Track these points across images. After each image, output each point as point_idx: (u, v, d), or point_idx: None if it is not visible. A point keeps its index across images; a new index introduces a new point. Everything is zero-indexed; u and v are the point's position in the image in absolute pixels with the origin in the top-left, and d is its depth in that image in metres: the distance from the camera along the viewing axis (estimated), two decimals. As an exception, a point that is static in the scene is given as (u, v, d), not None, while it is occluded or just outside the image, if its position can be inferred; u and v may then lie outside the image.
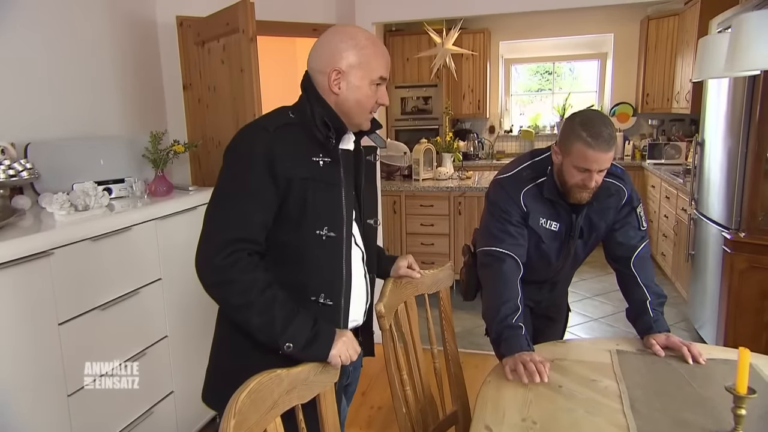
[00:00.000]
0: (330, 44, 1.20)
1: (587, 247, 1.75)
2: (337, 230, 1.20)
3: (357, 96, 1.20)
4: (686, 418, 1.19)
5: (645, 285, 1.63)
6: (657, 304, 1.62)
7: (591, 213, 1.65)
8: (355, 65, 1.18)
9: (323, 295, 1.21)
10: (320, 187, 1.18)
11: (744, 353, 1.07)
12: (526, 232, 1.63)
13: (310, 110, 1.20)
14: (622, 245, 1.67)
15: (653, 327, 1.56)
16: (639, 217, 1.68)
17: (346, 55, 1.18)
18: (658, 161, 5.08)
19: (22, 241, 1.56)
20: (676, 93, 4.96)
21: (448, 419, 1.60)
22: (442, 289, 1.63)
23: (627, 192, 1.66)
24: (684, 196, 3.83)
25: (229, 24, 2.50)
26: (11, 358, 1.51)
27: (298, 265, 1.20)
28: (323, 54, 1.20)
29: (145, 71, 2.82)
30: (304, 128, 1.19)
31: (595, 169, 1.47)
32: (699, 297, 3.32)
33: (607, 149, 1.45)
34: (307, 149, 1.18)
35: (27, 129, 2.09)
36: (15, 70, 2.07)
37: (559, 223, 1.65)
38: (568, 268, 1.81)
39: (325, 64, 1.19)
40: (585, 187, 1.52)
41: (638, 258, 1.66)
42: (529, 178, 1.64)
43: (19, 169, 1.87)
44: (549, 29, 5.76)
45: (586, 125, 1.45)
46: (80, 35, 2.38)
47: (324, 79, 1.20)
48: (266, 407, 0.95)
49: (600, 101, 6.03)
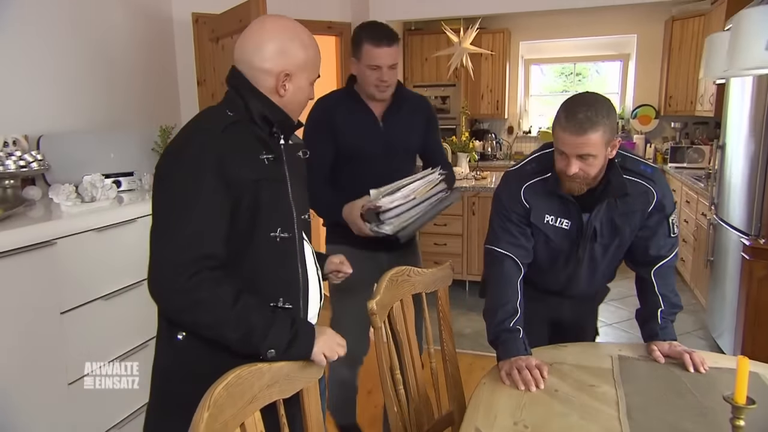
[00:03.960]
0: (275, 42, 1.12)
1: (609, 254, 1.59)
2: (289, 230, 1.15)
3: (300, 97, 1.17)
4: (684, 428, 1.15)
5: (661, 294, 1.54)
6: (669, 313, 1.54)
7: (614, 215, 1.51)
8: (303, 66, 1.14)
9: (281, 299, 1.15)
10: (270, 186, 1.12)
11: (743, 362, 1.02)
12: (529, 230, 1.55)
13: (245, 107, 1.12)
14: (650, 254, 1.55)
15: (658, 334, 1.50)
16: (671, 225, 1.55)
17: (294, 56, 1.13)
18: (680, 165, 4.95)
19: (28, 229, 1.60)
20: (700, 95, 4.82)
21: (444, 420, 1.57)
22: (441, 289, 1.60)
23: (657, 195, 1.50)
24: (704, 201, 3.72)
25: (242, 20, 2.52)
26: (13, 345, 1.54)
27: (254, 272, 1.12)
28: (268, 52, 1.12)
29: (160, 66, 2.86)
30: (245, 126, 1.11)
31: (572, 154, 1.34)
32: (718, 305, 3.22)
33: (578, 132, 1.31)
34: (251, 148, 1.11)
35: (41, 122, 2.14)
36: (30, 65, 2.12)
37: (570, 222, 1.53)
38: (585, 276, 1.64)
39: (272, 64, 1.12)
40: (566, 175, 1.39)
41: (662, 267, 1.56)
42: (533, 173, 1.53)
43: (29, 161, 1.91)
44: (570, 30, 5.67)
45: (566, 106, 1.35)
46: (96, 31, 2.42)
47: (269, 79, 1.13)
48: (245, 401, 0.93)
49: (622, 103, 5.91)
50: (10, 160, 1.86)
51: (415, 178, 1.68)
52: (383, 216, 1.57)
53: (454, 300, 4.17)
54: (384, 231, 1.58)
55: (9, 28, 2.05)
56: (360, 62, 1.74)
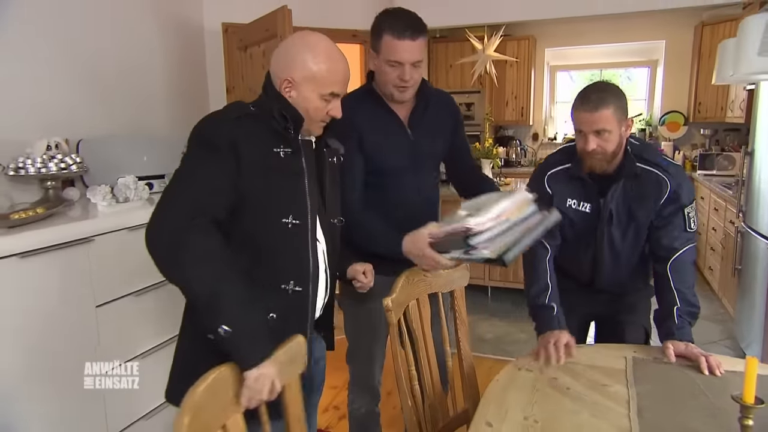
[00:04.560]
0: (288, 52, 1.22)
1: (627, 240, 1.66)
2: (302, 218, 1.23)
3: (306, 106, 1.22)
4: (694, 427, 1.16)
5: (677, 290, 1.57)
6: (686, 312, 1.56)
7: (629, 200, 1.60)
8: (308, 78, 1.20)
9: (292, 282, 1.22)
10: (283, 176, 1.21)
11: (752, 362, 1.03)
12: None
13: (268, 105, 1.22)
14: (663, 245, 1.61)
15: (674, 334, 1.52)
16: (687, 218, 1.60)
17: (300, 67, 1.20)
18: (709, 172, 4.86)
19: (67, 227, 1.71)
20: (730, 101, 4.74)
21: (459, 417, 1.60)
22: (456, 289, 1.64)
23: (671, 185, 1.57)
24: (732, 209, 3.65)
25: (268, 30, 2.61)
26: (52, 333, 1.64)
27: (267, 254, 1.20)
28: (280, 59, 1.23)
29: (191, 74, 2.98)
30: (264, 120, 1.20)
31: (589, 131, 1.51)
32: (746, 314, 3.15)
33: (592, 109, 1.48)
34: (268, 141, 1.20)
35: (80, 127, 2.27)
36: (72, 74, 2.25)
37: (590, 204, 1.65)
38: (608, 262, 1.69)
39: (280, 69, 1.22)
40: (586, 153, 1.55)
41: (677, 261, 1.59)
42: (556, 162, 1.69)
43: (69, 163, 2.03)
44: (597, 36, 5.64)
45: (581, 92, 1.54)
46: (133, 41, 2.56)
47: (279, 83, 1.22)
48: (226, 400, 0.94)
49: (649, 110, 5.83)
50: (52, 162, 1.98)
51: (501, 197, 1.39)
52: (474, 239, 1.27)
53: (476, 305, 4.21)
54: (481, 255, 1.28)
55: (54, 41, 2.18)
56: (379, 56, 1.52)
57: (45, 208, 1.82)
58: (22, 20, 2.07)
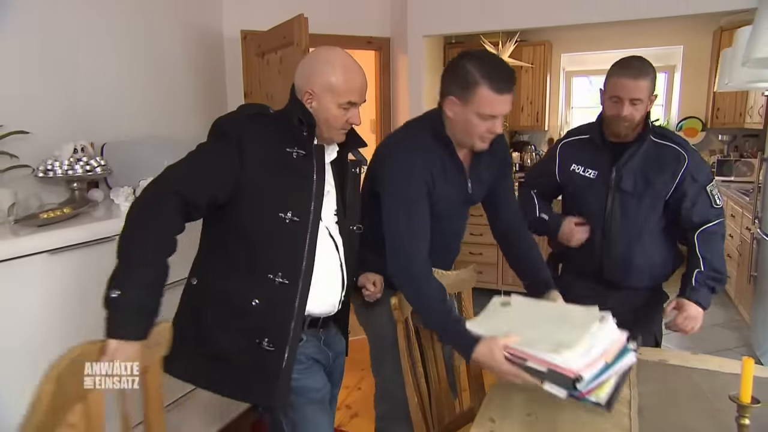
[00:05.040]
0: (309, 66, 1.33)
1: (642, 207, 1.70)
2: (302, 216, 1.30)
3: (326, 115, 1.32)
4: (693, 427, 1.19)
5: (702, 257, 1.68)
6: (709, 277, 1.67)
7: (647, 168, 1.68)
8: (326, 89, 1.30)
9: (280, 273, 1.29)
10: (291, 175, 1.30)
11: (747, 363, 1.06)
12: (547, 178, 1.88)
13: (289, 110, 1.34)
14: (695, 222, 1.71)
15: (685, 292, 1.66)
16: (711, 195, 1.70)
17: (318, 79, 1.30)
18: (727, 178, 4.81)
19: (91, 226, 1.78)
20: (749, 107, 4.69)
21: (465, 415, 1.64)
22: (464, 291, 1.68)
23: (687, 158, 1.67)
24: (749, 215, 3.62)
25: (285, 37, 2.69)
26: (77, 327, 1.71)
27: (258, 243, 1.29)
28: (303, 72, 1.34)
29: (210, 80, 3.07)
30: (281, 123, 1.32)
31: (626, 97, 1.60)
32: (761, 322, 3.13)
33: (635, 76, 1.59)
34: (281, 140, 1.31)
35: (105, 130, 2.36)
36: (98, 80, 2.35)
37: (597, 171, 1.73)
38: (620, 234, 1.72)
39: (302, 82, 1.32)
40: (619, 117, 1.63)
41: (706, 231, 1.70)
42: (576, 132, 1.85)
43: (94, 165, 2.12)
44: (614, 41, 5.61)
45: (621, 61, 1.65)
46: (154, 48, 2.65)
47: (301, 94, 1.33)
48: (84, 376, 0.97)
49: (666, 115, 5.79)
50: (78, 165, 2.07)
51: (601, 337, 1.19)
52: (581, 384, 1.12)
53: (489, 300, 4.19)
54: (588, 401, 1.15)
55: (79, 47, 2.29)
56: (467, 106, 1.38)
57: (71, 208, 1.91)
58: (54, 32, 2.17)
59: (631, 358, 1.20)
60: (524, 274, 1.63)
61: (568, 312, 1.30)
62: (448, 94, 1.42)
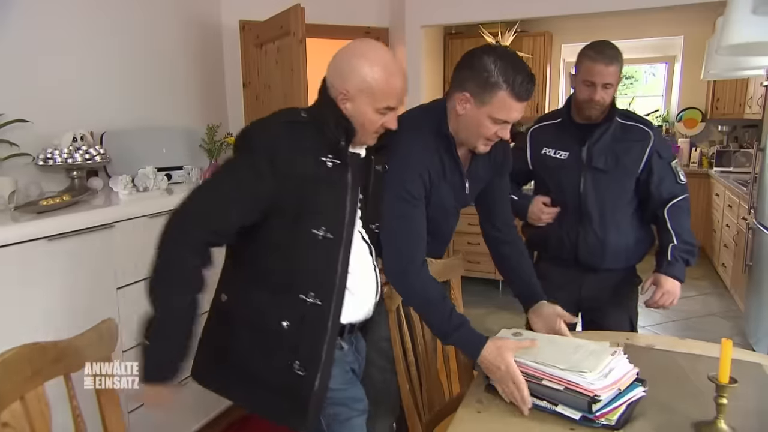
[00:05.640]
0: (344, 62, 1.20)
1: (616, 184, 1.77)
2: (335, 232, 1.20)
3: (361, 119, 1.21)
4: (675, 407, 1.22)
5: (674, 231, 1.76)
6: (683, 251, 1.74)
7: (617, 147, 1.75)
8: (364, 91, 1.18)
9: (312, 294, 1.20)
10: (323, 187, 1.19)
11: (726, 344, 1.09)
12: (517, 163, 1.80)
13: (323, 112, 1.21)
14: (664, 198, 1.78)
15: (663, 266, 1.73)
16: (675, 171, 1.79)
17: (356, 79, 1.18)
18: (726, 169, 4.83)
19: (91, 213, 1.82)
20: (749, 98, 4.69)
21: (455, 401, 1.66)
22: (453, 278, 1.70)
23: (653, 136, 1.77)
24: (746, 205, 3.64)
25: (282, 27, 2.70)
26: (75, 313, 1.75)
27: (288, 263, 1.21)
28: (337, 69, 1.21)
29: (209, 70, 3.09)
30: (315, 128, 1.20)
31: (599, 82, 1.66)
32: (755, 311, 3.16)
33: (607, 62, 1.65)
34: (315, 148, 1.19)
35: (104, 119, 2.39)
36: (96, 69, 2.38)
37: (568, 153, 1.79)
38: (594, 213, 1.76)
39: (338, 80, 1.20)
40: (592, 101, 1.69)
41: (674, 206, 1.78)
42: (545, 119, 1.91)
43: (94, 154, 2.14)
44: (614, 32, 5.58)
45: (592, 46, 1.70)
46: (153, 37, 2.67)
47: (335, 92, 1.21)
48: (24, 376, 0.96)
49: (667, 105, 5.79)
50: (77, 153, 2.10)
51: (617, 366, 1.22)
52: (597, 407, 1.14)
53: (487, 299, 4.25)
54: (600, 424, 1.14)
55: (82, 41, 2.31)
56: (481, 108, 1.31)
57: (71, 195, 1.94)
58: (53, 22, 2.19)
59: (640, 391, 1.21)
60: (514, 283, 1.61)
61: (580, 343, 1.31)
62: (461, 89, 1.32)
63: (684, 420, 1.16)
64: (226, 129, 2.85)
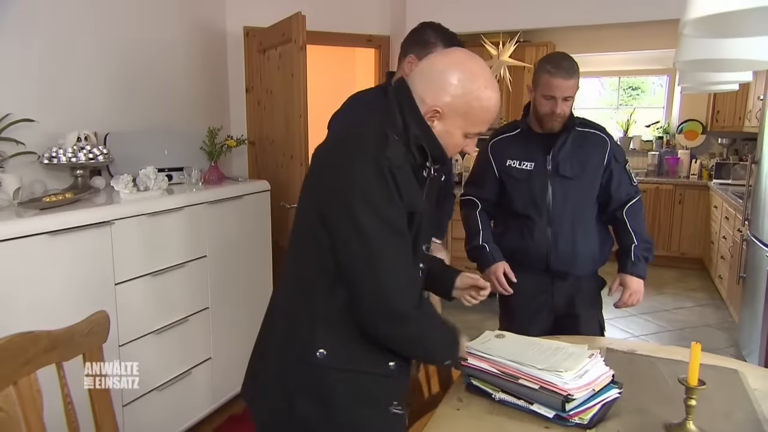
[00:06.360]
0: (443, 75, 1.05)
1: (582, 190, 1.84)
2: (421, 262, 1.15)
3: (446, 141, 1.09)
4: (649, 409, 1.25)
5: (634, 231, 1.85)
6: (643, 249, 1.83)
7: (578, 153, 1.82)
8: (459, 113, 1.05)
9: None
10: (412, 217, 1.07)
11: (695, 348, 1.13)
12: (493, 176, 1.93)
13: (404, 128, 1.05)
14: (621, 199, 1.87)
15: (627, 266, 1.82)
16: (629, 174, 1.89)
17: (453, 98, 1.04)
18: (724, 181, 4.85)
19: (92, 211, 1.88)
20: (748, 111, 4.72)
21: (432, 400, 1.69)
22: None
23: (609, 142, 1.86)
24: (741, 217, 3.67)
25: (284, 34, 2.76)
26: (74, 306, 1.80)
27: None
28: (430, 81, 1.05)
29: (213, 74, 3.16)
30: (405, 146, 1.05)
31: (559, 96, 1.72)
32: (748, 322, 3.18)
33: (566, 76, 1.71)
34: (412, 166, 1.06)
35: (108, 120, 2.45)
36: (103, 72, 2.44)
37: (533, 162, 1.84)
38: (563, 219, 1.83)
39: (428, 94, 1.05)
40: (554, 114, 1.75)
41: (632, 207, 1.87)
42: (501, 132, 1.96)
43: (97, 154, 2.20)
44: (616, 43, 5.65)
45: (550, 60, 1.75)
46: (158, 42, 2.74)
47: (422, 107, 1.06)
48: (18, 363, 0.98)
49: (667, 117, 5.83)
50: (81, 153, 2.16)
51: (593, 368, 1.27)
52: (570, 405, 1.19)
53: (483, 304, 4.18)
54: (573, 423, 1.19)
55: (86, 41, 2.37)
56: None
57: (73, 193, 2.00)
58: (62, 25, 2.26)
59: (615, 392, 1.26)
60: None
61: (560, 346, 1.37)
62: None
63: (656, 421, 1.20)
64: (227, 132, 2.91)
